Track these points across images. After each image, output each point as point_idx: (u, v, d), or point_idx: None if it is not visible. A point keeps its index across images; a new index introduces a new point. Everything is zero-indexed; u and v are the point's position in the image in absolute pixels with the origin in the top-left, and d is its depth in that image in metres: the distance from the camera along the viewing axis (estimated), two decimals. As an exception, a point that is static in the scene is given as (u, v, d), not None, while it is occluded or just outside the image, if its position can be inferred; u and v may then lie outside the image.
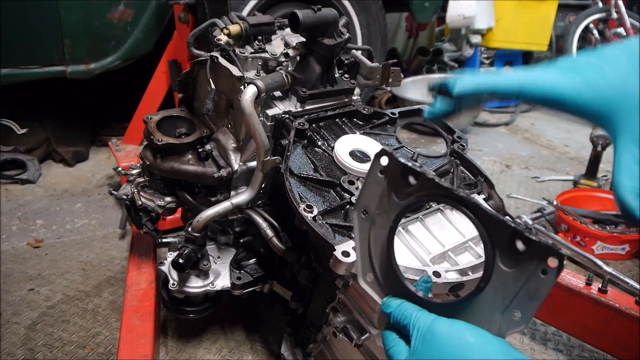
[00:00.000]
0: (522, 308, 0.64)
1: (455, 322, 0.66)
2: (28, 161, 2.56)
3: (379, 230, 0.75)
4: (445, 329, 0.65)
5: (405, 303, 0.73)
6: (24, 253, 1.93)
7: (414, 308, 0.71)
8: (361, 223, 0.77)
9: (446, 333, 0.65)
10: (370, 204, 0.75)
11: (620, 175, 0.59)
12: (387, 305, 0.74)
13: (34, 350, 1.47)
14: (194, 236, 1.23)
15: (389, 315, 0.73)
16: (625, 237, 2.01)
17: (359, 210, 0.77)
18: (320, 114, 1.20)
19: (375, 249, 0.77)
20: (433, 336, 0.66)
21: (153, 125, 1.32)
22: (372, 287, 0.79)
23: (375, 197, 0.74)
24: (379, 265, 0.77)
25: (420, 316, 0.69)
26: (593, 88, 0.62)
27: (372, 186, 0.74)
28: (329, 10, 1.15)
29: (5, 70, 2.32)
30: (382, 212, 0.74)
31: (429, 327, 0.67)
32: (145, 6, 2.46)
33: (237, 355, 1.48)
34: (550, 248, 0.58)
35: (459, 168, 1.17)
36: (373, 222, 0.76)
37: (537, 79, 0.66)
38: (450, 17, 3.66)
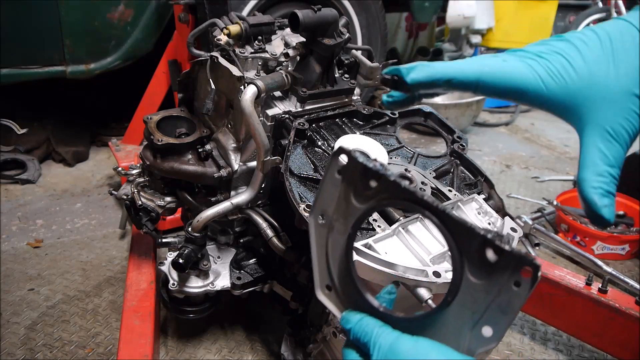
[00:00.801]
0: (493, 323, 0.59)
1: (420, 341, 0.60)
2: (28, 161, 2.56)
3: (337, 236, 0.69)
4: (408, 349, 0.59)
5: (367, 318, 0.66)
6: (24, 253, 1.93)
7: (375, 324, 0.64)
8: (317, 229, 0.71)
9: (410, 353, 0.59)
10: (327, 208, 0.69)
11: (584, 171, 0.55)
12: (346, 321, 0.67)
13: (34, 350, 1.47)
14: (194, 236, 1.23)
15: (349, 331, 0.66)
16: (625, 237, 2.01)
17: (315, 215, 0.71)
18: (320, 114, 1.20)
19: (333, 257, 0.71)
20: (395, 356, 0.60)
21: (153, 125, 1.32)
22: (330, 299, 0.73)
23: (333, 200, 0.68)
24: (338, 275, 0.71)
25: (382, 333, 0.62)
26: (558, 78, 0.57)
27: (329, 188, 0.68)
28: (329, 10, 1.15)
29: (5, 70, 2.33)
30: (341, 216, 0.68)
31: (391, 346, 0.61)
32: (145, 6, 2.46)
33: (237, 355, 1.48)
34: (524, 258, 0.54)
35: (459, 168, 1.17)
36: (331, 228, 0.69)
37: (498, 68, 0.61)
38: (450, 17, 3.67)
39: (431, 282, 0.83)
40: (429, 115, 1.30)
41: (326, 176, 0.68)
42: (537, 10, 3.80)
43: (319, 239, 0.71)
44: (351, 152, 0.64)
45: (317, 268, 0.73)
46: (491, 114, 3.98)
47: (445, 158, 1.18)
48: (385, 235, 0.91)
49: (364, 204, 0.65)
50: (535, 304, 1.51)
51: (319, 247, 0.72)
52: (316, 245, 0.72)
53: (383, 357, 0.60)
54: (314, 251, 0.73)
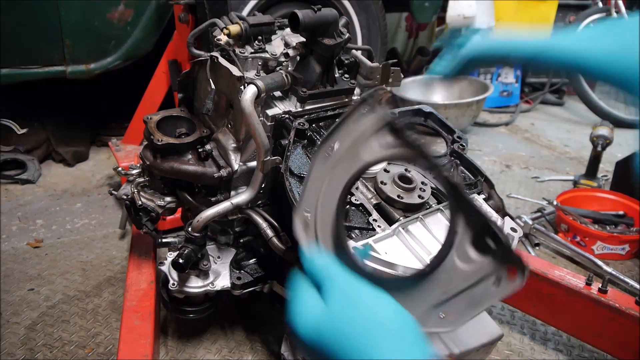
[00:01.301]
0: (455, 311, 0.58)
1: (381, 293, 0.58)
2: (28, 161, 2.56)
3: (336, 179, 0.68)
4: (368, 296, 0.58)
5: (330, 258, 0.64)
6: (24, 253, 1.93)
7: (336, 265, 0.62)
8: (321, 162, 0.69)
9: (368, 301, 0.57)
10: (339, 147, 0.68)
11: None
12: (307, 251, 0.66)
13: (34, 350, 1.47)
14: (194, 236, 1.23)
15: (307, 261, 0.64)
16: (625, 237, 2.01)
17: (325, 148, 0.69)
18: (320, 114, 1.20)
19: (325, 196, 0.69)
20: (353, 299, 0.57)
21: (153, 125, 1.32)
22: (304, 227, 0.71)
23: (348, 141, 0.66)
24: (323, 214, 0.69)
25: (342, 275, 0.60)
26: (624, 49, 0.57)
27: (348, 127, 0.66)
28: (329, 10, 1.15)
29: (5, 70, 2.32)
30: (347, 160, 0.67)
31: (353, 289, 0.59)
32: (145, 6, 2.46)
33: (237, 355, 1.48)
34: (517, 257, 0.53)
35: (459, 168, 1.16)
36: (333, 168, 0.68)
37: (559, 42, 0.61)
38: (450, 17, 3.66)
39: (431, 282, 0.83)
40: (429, 115, 1.30)
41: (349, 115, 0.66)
42: (537, 10, 3.80)
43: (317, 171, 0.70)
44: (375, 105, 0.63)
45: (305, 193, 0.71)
46: (491, 114, 3.98)
47: (445, 158, 1.18)
48: (385, 235, 0.91)
49: (371, 156, 0.65)
50: (535, 304, 1.51)
51: (315, 178, 0.70)
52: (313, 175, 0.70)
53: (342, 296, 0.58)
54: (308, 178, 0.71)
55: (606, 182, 2.56)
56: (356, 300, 0.57)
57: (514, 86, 4.15)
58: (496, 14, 3.78)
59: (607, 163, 2.73)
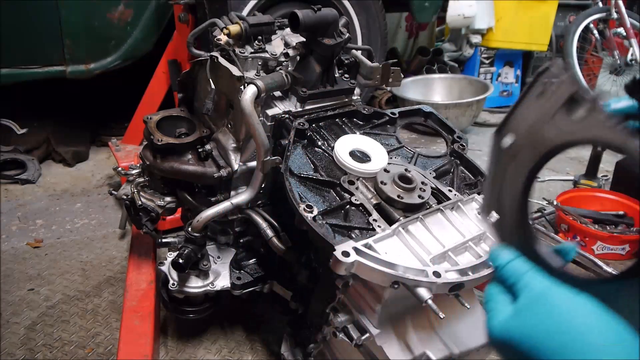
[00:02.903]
0: None
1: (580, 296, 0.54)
2: (28, 161, 2.56)
3: (519, 166, 0.61)
4: (564, 300, 0.54)
5: (520, 260, 0.62)
6: (24, 253, 1.93)
7: (528, 267, 0.60)
8: (499, 151, 0.63)
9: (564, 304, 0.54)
10: (517, 131, 0.61)
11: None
12: (495, 257, 0.64)
13: (34, 350, 1.47)
14: (194, 236, 1.23)
15: (496, 268, 0.63)
16: (626, 237, 2.01)
17: (501, 135, 0.63)
18: (320, 114, 1.20)
19: (508, 187, 0.63)
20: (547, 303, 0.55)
21: (153, 125, 1.32)
22: (493, 228, 0.67)
23: (526, 124, 0.60)
24: (509, 207, 0.64)
25: (535, 277, 0.58)
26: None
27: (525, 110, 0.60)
28: (329, 10, 1.15)
29: (5, 70, 2.33)
30: (529, 144, 0.60)
31: (544, 292, 0.56)
32: (145, 6, 2.46)
33: (237, 355, 1.48)
34: None
35: (459, 168, 1.17)
36: (514, 155, 0.62)
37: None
38: (450, 17, 3.66)
39: (431, 282, 0.83)
40: (429, 115, 1.30)
41: (525, 96, 0.60)
42: (537, 10, 3.80)
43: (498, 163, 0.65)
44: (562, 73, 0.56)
45: (487, 191, 0.67)
46: (491, 114, 3.97)
47: (445, 158, 1.18)
48: (385, 235, 0.91)
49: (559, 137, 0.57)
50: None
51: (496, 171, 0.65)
52: (493, 169, 0.65)
53: (532, 301, 0.56)
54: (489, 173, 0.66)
55: (606, 182, 2.56)
56: (550, 304, 0.55)
57: (514, 86, 4.15)
58: (496, 14, 3.78)
59: (607, 163, 2.73)
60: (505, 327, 0.58)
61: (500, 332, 0.58)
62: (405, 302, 0.96)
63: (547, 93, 0.57)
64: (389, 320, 0.96)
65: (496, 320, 0.59)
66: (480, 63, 4.01)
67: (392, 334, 0.96)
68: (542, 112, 0.58)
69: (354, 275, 0.86)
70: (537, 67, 4.30)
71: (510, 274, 0.61)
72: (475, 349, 0.99)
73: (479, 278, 0.87)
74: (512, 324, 0.57)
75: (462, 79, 3.77)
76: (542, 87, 0.58)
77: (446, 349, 0.96)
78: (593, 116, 0.53)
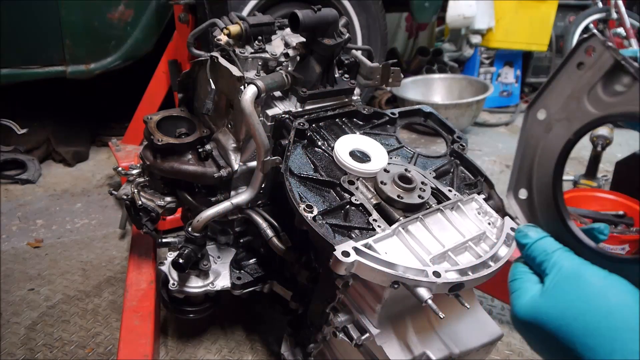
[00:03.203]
0: None
1: (612, 276, 0.53)
2: (28, 161, 2.56)
3: (553, 140, 0.60)
4: (596, 279, 0.53)
5: (548, 238, 0.61)
6: (24, 253, 1.93)
7: (558, 246, 0.59)
8: (532, 125, 0.62)
9: (596, 283, 0.53)
10: (552, 104, 0.60)
11: None
12: (524, 235, 0.63)
13: (34, 350, 1.47)
14: (194, 236, 1.23)
15: (524, 246, 0.62)
16: (625, 237, 2.01)
17: (535, 109, 0.62)
18: (320, 114, 1.20)
19: (540, 162, 0.62)
20: (578, 282, 0.54)
21: (153, 125, 1.32)
22: (520, 207, 0.66)
23: (562, 97, 0.58)
24: (539, 184, 0.63)
25: (566, 257, 0.57)
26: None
27: (562, 82, 0.58)
28: (329, 10, 1.15)
29: (5, 70, 2.33)
30: (565, 118, 0.58)
31: (576, 271, 0.55)
32: (145, 6, 2.46)
33: (237, 355, 1.48)
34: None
35: (459, 168, 1.17)
36: (548, 129, 0.60)
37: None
38: (450, 17, 3.66)
39: (431, 282, 0.83)
40: (429, 115, 1.30)
41: (562, 67, 0.59)
42: (537, 10, 3.80)
43: (529, 138, 0.63)
44: (605, 42, 0.54)
45: (516, 168, 0.65)
46: (491, 114, 3.98)
47: (445, 158, 1.18)
48: (385, 235, 0.91)
49: (598, 110, 0.55)
50: (535, 304, 1.51)
51: (527, 147, 0.63)
52: (523, 145, 0.64)
53: (562, 279, 0.55)
54: (519, 149, 0.64)
55: (606, 182, 2.56)
56: (581, 283, 0.54)
57: (514, 86, 4.16)
58: (496, 14, 3.79)
59: (607, 163, 2.73)
60: (532, 306, 0.56)
61: (528, 312, 0.56)
62: (405, 302, 0.97)
63: (587, 63, 0.55)
64: (389, 320, 0.96)
65: (523, 299, 0.58)
66: (480, 63, 4.01)
67: (392, 334, 0.96)
68: (580, 83, 0.56)
69: (354, 275, 0.86)
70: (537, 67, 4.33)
71: (538, 252, 0.60)
72: (475, 349, 0.99)
73: (479, 278, 0.87)
74: (540, 304, 0.55)
75: (462, 79, 3.77)
76: (582, 57, 0.56)
77: (446, 349, 0.96)
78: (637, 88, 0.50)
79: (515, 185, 0.66)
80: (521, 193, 0.65)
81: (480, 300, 1.72)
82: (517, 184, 0.66)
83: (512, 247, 0.94)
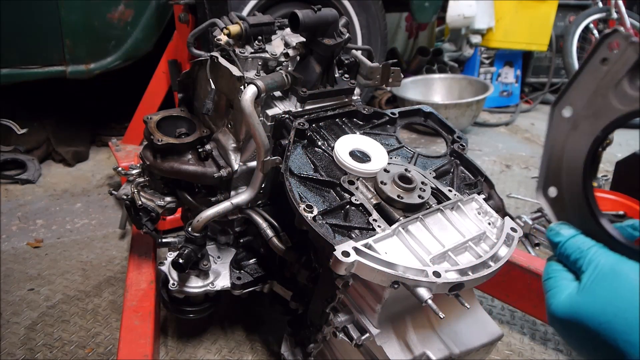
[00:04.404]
0: None
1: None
2: (28, 161, 2.56)
3: (580, 137, 0.60)
4: (636, 274, 0.53)
5: (581, 236, 0.61)
6: (24, 253, 1.93)
7: (592, 243, 0.59)
8: (558, 123, 0.62)
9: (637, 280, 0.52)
10: (577, 101, 0.59)
11: None
12: (556, 234, 0.63)
13: (34, 350, 1.47)
14: (194, 236, 1.23)
15: (557, 245, 0.62)
16: (625, 237, 2.01)
17: (560, 107, 0.61)
18: (320, 114, 1.20)
19: (569, 160, 0.61)
20: (617, 278, 0.54)
21: (153, 125, 1.32)
22: (550, 205, 0.65)
23: (587, 94, 0.58)
24: (568, 182, 0.62)
25: (602, 253, 0.57)
26: None
27: (586, 78, 0.58)
28: (329, 10, 1.15)
29: (5, 70, 2.33)
30: (591, 115, 0.58)
31: (614, 268, 0.55)
32: (145, 6, 2.46)
33: (237, 355, 1.48)
34: None
35: (459, 168, 1.17)
36: (575, 126, 0.60)
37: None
38: (450, 17, 3.66)
39: (431, 282, 0.83)
40: (429, 115, 1.30)
41: (586, 64, 0.58)
42: (537, 10, 3.80)
43: (556, 135, 0.63)
44: (629, 37, 0.53)
45: (544, 166, 0.65)
46: (491, 114, 3.98)
47: (445, 158, 1.18)
48: (385, 235, 0.91)
49: (625, 105, 0.55)
50: (535, 304, 1.51)
51: (554, 144, 0.63)
52: (550, 142, 0.64)
53: (600, 276, 0.55)
54: (546, 147, 0.64)
55: (606, 182, 2.56)
56: (621, 279, 0.54)
57: (514, 86, 4.16)
58: (496, 14, 3.79)
59: (607, 163, 2.73)
60: (571, 304, 0.56)
61: (566, 310, 0.56)
62: (405, 302, 0.97)
63: (610, 59, 0.55)
64: (389, 320, 0.96)
65: (559, 298, 0.58)
66: (480, 63, 4.01)
67: (392, 334, 0.96)
68: (605, 79, 0.56)
69: (354, 275, 0.86)
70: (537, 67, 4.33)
71: (572, 250, 0.60)
72: (475, 349, 0.99)
73: (479, 278, 0.87)
74: (578, 301, 0.55)
75: (462, 79, 3.77)
76: (605, 52, 0.55)
77: (446, 349, 0.96)
78: None
79: (544, 184, 0.66)
80: (550, 191, 0.65)
81: (480, 300, 1.72)
82: (546, 182, 0.65)
83: (512, 247, 0.94)
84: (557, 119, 0.62)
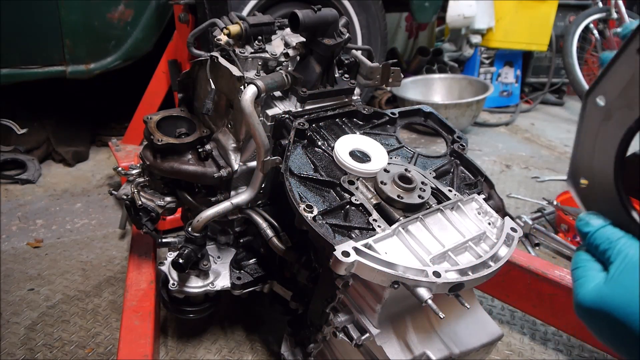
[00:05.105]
0: None
1: None
2: (28, 161, 2.56)
3: (614, 128, 0.59)
4: None
5: (611, 226, 0.61)
6: (24, 253, 1.93)
7: (622, 233, 0.60)
8: (592, 113, 0.61)
9: None
10: (611, 91, 0.59)
11: None
12: (585, 224, 0.63)
13: (34, 350, 1.47)
14: (194, 236, 1.23)
15: (586, 235, 0.62)
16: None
17: (594, 96, 0.61)
18: (320, 114, 1.20)
19: (601, 150, 0.61)
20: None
21: (153, 125, 1.32)
22: (580, 195, 0.65)
23: (621, 84, 0.57)
24: (600, 172, 0.62)
25: (631, 244, 0.58)
26: None
27: (622, 68, 0.57)
28: (329, 10, 1.15)
29: (5, 70, 2.33)
30: (625, 105, 0.58)
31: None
32: (145, 6, 2.46)
33: (237, 355, 1.48)
34: None
35: (459, 168, 1.17)
36: (608, 116, 0.60)
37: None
38: (450, 17, 3.66)
39: (431, 282, 0.83)
40: (429, 115, 1.30)
41: (621, 53, 0.58)
42: (537, 10, 3.80)
43: (589, 125, 0.62)
44: None
45: (575, 157, 0.65)
46: (491, 114, 3.98)
47: (445, 158, 1.18)
48: (385, 235, 0.91)
49: None
50: (535, 304, 1.51)
51: (586, 134, 0.63)
52: (583, 132, 0.63)
53: (629, 267, 0.56)
54: (578, 137, 0.64)
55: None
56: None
57: (514, 86, 4.16)
58: (496, 14, 3.79)
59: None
60: (598, 294, 0.56)
61: (593, 300, 0.57)
62: (405, 302, 0.97)
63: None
64: (389, 320, 0.96)
65: (587, 287, 0.58)
66: (480, 63, 4.01)
67: (392, 334, 0.96)
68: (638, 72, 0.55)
69: (354, 275, 0.86)
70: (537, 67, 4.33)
71: (602, 240, 0.60)
72: (475, 349, 0.99)
73: (479, 278, 0.87)
74: (606, 291, 0.56)
75: (462, 79, 3.77)
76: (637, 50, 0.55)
77: (446, 349, 0.97)
78: None
79: (574, 174, 0.66)
80: (582, 181, 0.65)
81: (480, 300, 1.72)
82: (577, 172, 0.65)
83: (512, 247, 0.94)
84: (590, 108, 0.61)
